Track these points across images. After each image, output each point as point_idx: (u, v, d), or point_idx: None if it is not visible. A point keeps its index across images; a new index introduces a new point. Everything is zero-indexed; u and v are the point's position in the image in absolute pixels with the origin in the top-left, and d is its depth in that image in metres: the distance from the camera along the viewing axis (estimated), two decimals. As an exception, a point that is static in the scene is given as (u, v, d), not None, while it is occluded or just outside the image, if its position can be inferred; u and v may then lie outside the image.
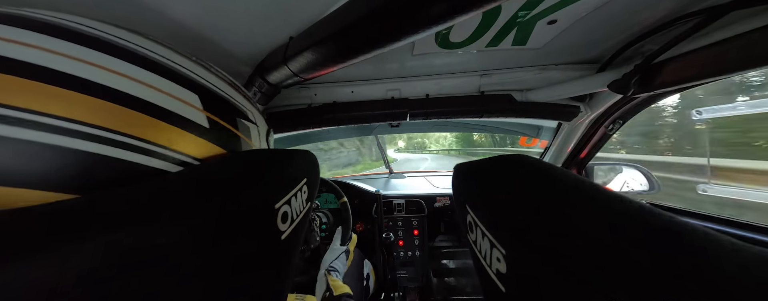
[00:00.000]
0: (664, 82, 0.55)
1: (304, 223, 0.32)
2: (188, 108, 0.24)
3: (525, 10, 0.49)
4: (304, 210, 0.32)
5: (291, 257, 0.29)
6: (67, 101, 0.18)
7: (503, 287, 0.21)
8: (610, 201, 0.18)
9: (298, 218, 0.29)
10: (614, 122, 0.92)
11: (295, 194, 0.28)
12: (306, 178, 0.32)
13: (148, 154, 0.21)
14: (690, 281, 0.12)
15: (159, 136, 0.21)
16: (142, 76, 0.22)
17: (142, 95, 0.21)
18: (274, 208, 0.24)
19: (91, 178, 0.18)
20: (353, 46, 0.44)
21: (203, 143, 0.25)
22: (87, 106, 0.18)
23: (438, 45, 0.63)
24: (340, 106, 0.90)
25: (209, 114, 0.26)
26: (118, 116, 0.19)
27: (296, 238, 0.29)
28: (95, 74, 0.19)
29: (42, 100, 0.17)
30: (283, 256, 0.26)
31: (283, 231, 0.26)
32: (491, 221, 0.23)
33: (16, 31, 0.18)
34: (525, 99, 0.86)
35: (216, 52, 0.58)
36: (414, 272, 1.45)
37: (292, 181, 0.29)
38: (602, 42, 0.63)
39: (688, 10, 0.49)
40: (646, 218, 0.16)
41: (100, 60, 0.20)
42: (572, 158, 1.09)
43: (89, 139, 0.18)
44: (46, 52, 0.18)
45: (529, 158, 0.28)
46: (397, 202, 1.48)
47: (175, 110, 0.23)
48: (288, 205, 0.27)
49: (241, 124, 0.31)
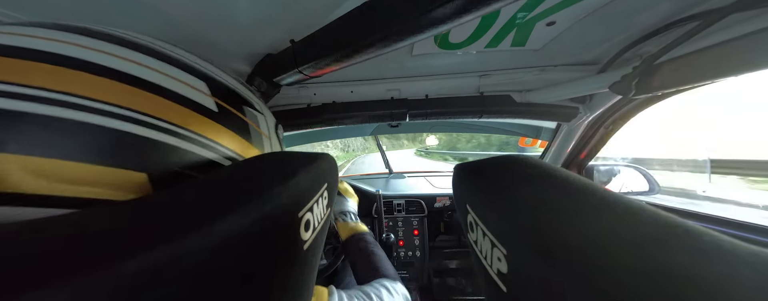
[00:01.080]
0: (664, 84, 0.55)
1: (325, 230, 0.31)
2: (198, 93, 0.27)
3: (524, 12, 0.49)
4: (325, 216, 0.31)
5: (313, 266, 0.28)
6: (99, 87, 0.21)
7: (504, 287, 0.21)
8: (611, 202, 0.18)
9: (319, 226, 0.28)
10: (614, 123, 0.91)
11: (317, 200, 0.28)
12: (327, 182, 0.31)
13: (167, 132, 0.23)
14: (691, 282, 0.12)
15: (174, 116, 0.24)
16: (156, 65, 0.25)
17: (157, 81, 0.24)
18: (297, 216, 0.24)
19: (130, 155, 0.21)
20: (356, 47, 0.44)
21: (216, 126, 0.27)
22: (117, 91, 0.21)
23: (437, 46, 0.63)
24: (339, 106, 0.90)
25: (217, 99, 0.28)
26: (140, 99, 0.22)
27: (317, 246, 0.29)
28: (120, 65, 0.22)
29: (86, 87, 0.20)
30: (305, 264, 0.26)
31: (306, 240, 0.25)
32: (492, 221, 0.22)
33: (67, 35, 0.22)
34: (524, 100, 0.86)
35: (215, 52, 0.58)
36: (414, 272, 1.46)
37: (315, 187, 0.28)
38: (601, 43, 0.63)
39: (688, 12, 0.49)
40: (647, 218, 0.16)
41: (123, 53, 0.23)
42: (572, 159, 1.09)
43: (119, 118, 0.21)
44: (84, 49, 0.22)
45: (530, 158, 0.28)
46: (397, 202, 1.48)
47: (186, 95, 0.25)
48: (310, 212, 0.26)
49: (248, 111, 0.33)
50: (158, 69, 0.24)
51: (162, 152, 0.23)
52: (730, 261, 0.12)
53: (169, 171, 0.23)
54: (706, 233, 0.14)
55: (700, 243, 0.13)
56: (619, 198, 0.18)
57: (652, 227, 0.15)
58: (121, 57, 0.23)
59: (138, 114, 0.21)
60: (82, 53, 0.21)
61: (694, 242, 0.14)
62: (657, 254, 0.13)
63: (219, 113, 0.28)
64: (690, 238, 0.14)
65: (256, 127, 0.33)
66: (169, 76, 0.25)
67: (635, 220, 0.16)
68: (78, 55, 0.21)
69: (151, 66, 0.24)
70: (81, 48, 0.21)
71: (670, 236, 0.14)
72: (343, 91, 0.87)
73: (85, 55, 0.21)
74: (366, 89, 0.87)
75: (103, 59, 0.22)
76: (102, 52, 0.22)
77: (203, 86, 0.27)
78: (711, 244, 0.13)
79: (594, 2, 0.47)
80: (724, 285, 0.11)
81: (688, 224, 0.15)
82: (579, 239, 0.15)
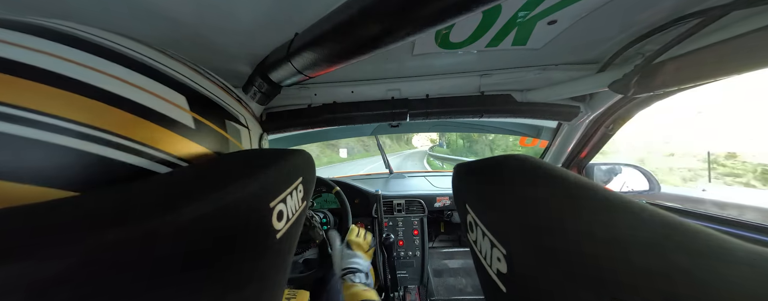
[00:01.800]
0: (665, 83, 0.55)
1: (300, 221, 0.32)
2: (174, 108, 0.25)
3: (525, 11, 0.49)
4: (300, 209, 0.32)
5: (287, 254, 0.29)
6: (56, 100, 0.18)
7: (504, 287, 0.21)
8: (611, 201, 0.18)
9: (294, 217, 0.29)
10: (614, 122, 0.92)
11: (290, 192, 0.29)
12: (301, 177, 0.32)
13: (131, 152, 0.21)
14: (693, 283, 0.12)
15: (141, 134, 0.22)
16: (128, 77, 0.22)
17: (127, 94, 0.22)
18: (269, 206, 0.24)
19: (80, 175, 0.19)
20: (355, 45, 0.44)
21: (188, 143, 0.25)
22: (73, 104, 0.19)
23: (438, 45, 0.63)
24: (340, 106, 0.90)
25: (195, 115, 0.27)
26: (100, 114, 0.20)
27: (292, 236, 0.30)
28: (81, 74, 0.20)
29: (37, 99, 0.18)
30: (278, 254, 0.26)
31: (279, 230, 0.26)
32: (492, 221, 0.22)
33: (16, 34, 0.19)
34: (525, 99, 0.86)
35: (216, 52, 0.58)
36: (414, 272, 1.45)
37: (287, 179, 0.29)
38: (602, 42, 0.63)
39: (688, 10, 0.49)
40: (647, 218, 0.16)
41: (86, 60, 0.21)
42: (572, 158, 1.09)
43: (71, 136, 0.18)
44: (36, 53, 0.19)
45: (530, 158, 0.28)
46: (397, 202, 1.48)
47: (160, 110, 0.23)
48: (283, 203, 0.27)
49: (229, 126, 0.32)
50: (130, 81, 0.22)
51: (124, 173, 0.21)
52: (731, 260, 0.12)
53: None
54: (706, 232, 0.14)
55: (701, 243, 0.13)
56: (620, 198, 0.18)
57: (653, 226, 0.15)
58: (87, 66, 0.20)
59: (98, 131, 0.19)
60: (41, 60, 0.18)
61: (694, 242, 0.14)
62: (657, 254, 0.13)
63: (196, 130, 0.26)
64: (690, 237, 0.14)
65: (236, 143, 0.32)
66: (141, 89, 0.23)
67: (636, 220, 0.16)
68: (35, 63, 0.18)
69: (121, 77, 0.22)
70: (40, 54, 0.19)
71: (671, 235, 0.14)
72: (344, 92, 0.87)
73: (44, 63, 0.19)
74: (366, 89, 0.87)
75: (64, 68, 0.19)
76: (65, 60, 0.20)
77: (182, 100, 0.26)
78: (711, 243, 0.13)
79: (595, 1, 0.47)
80: (724, 284, 0.11)
81: (689, 224, 0.15)
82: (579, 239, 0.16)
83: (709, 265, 0.12)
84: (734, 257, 0.12)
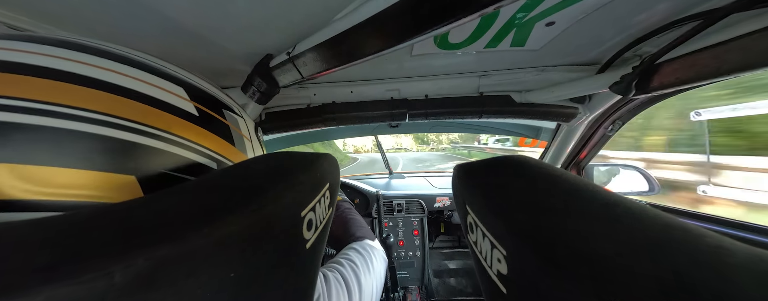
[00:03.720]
0: (664, 84, 0.55)
1: (327, 230, 0.32)
2: (177, 98, 0.28)
3: (523, 12, 0.49)
4: (328, 216, 0.31)
5: (316, 264, 0.28)
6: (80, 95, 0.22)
7: (504, 289, 0.21)
8: (611, 203, 0.18)
9: (322, 225, 0.29)
10: (613, 123, 0.91)
11: (319, 200, 0.28)
12: (328, 183, 0.31)
13: (151, 136, 0.24)
14: (693, 285, 0.12)
15: (156, 121, 0.25)
16: (134, 73, 0.26)
17: (137, 88, 0.25)
18: (300, 216, 0.24)
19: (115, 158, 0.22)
20: (356, 49, 0.45)
21: (197, 129, 0.28)
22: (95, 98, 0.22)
23: (437, 46, 0.63)
24: (339, 106, 0.90)
25: (197, 104, 0.29)
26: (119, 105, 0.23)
27: (320, 245, 0.29)
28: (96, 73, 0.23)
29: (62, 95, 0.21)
30: (308, 264, 0.26)
31: (308, 240, 0.25)
32: (492, 222, 0.22)
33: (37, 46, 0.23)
34: (524, 100, 0.86)
35: (215, 52, 0.58)
36: (414, 273, 1.46)
37: (317, 186, 0.28)
38: (601, 44, 0.63)
39: (687, 12, 0.49)
40: (647, 220, 0.16)
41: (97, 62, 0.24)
42: (571, 159, 1.09)
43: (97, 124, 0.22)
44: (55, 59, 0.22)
45: (530, 158, 0.28)
46: (397, 202, 1.48)
47: (166, 100, 0.26)
48: (313, 212, 0.26)
49: (228, 115, 0.34)
50: (137, 77, 0.25)
51: (147, 154, 0.24)
52: (731, 262, 0.12)
53: (156, 173, 0.24)
54: (706, 234, 0.14)
55: (701, 244, 0.13)
56: (620, 199, 0.18)
57: (653, 228, 0.15)
58: (101, 67, 0.24)
59: (121, 120, 0.22)
60: (64, 65, 0.22)
61: (694, 244, 0.14)
62: (658, 256, 0.13)
63: (200, 117, 0.29)
64: (691, 239, 0.14)
65: (237, 130, 0.35)
66: (148, 84, 0.26)
67: (636, 221, 0.16)
68: (60, 67, 0.22)
69: (129, 74, 0.25)
70: (62, 60, 0.22)
71: (671, 237, 0.14)
72: (343, 92, 0.87)
73: (67, 67, 0.22)
74: (366, 89, 0.87)
75: (83, 70, 0.23)
76: (82, 63, 0.23)
77: (182, 92, 0.29)
78: (712, 245, 0.13)
79: (593, 2, 0.47)
80: (725, 286, 0.11)
81: (689, 225, 0.15)
82: (579, 240, 0.15)
83: (709, 266, 0.12)
84: (734, 259, 0.12)
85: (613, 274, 0.13)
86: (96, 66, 0.24)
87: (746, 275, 0.12)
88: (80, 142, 0.21)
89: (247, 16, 0.47)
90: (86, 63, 0.23)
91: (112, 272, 0.12)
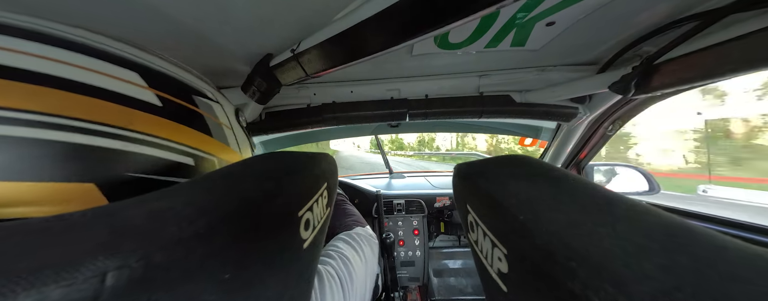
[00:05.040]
0: (664, 84, 0.55)
1: (325, 229, 0.31)
2: (132, 87, 0.23)
3: (523, 12, 0.49)
4: (325, 216, 0.31)
5: (312, 263, 0.28)
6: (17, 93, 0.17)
7: (505, 287, 0.21)
8: (612, 202, 0.18)
9: (319, 225, 0.28)
10: (613, 123, 0.92)
11: (316, 199, 0.28)
12: (326, 182, 0.31)
13: (106, 136, 0.20)
14: (694, 284, 0.12)
15: (107, 117, 0.20)
16: (78, 60, 0.21)
17: (84, 79, 0.20)
18: (297, 215, 0.24)
19: (67, 166, 0.18)
20: (360, 47, 0.45)
21: (163, 122, 0.24)
22: (40, 97, 0.18)
23: (437, 46, 0.63)
24: (339, 106, 0.90)
25: (157, 92, 0.25)
26: (68, 103, 0.19)
27: (317, 245, 0.29)
28: (36, 64, 0.19)
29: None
30: (304, 264, 0.26)
31: (305, 239, 0.25)
32: (492, 221, 0.22)
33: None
34: (524, 100, 0.86)
35: (214, 51, 0.58)
36: (414, 272, 1.46)
37: (314, 186, 0.28)
38: (601, 44, 0.63)
39: (687, 12, 0.49)
40: (648, 219, 0.16)
41: (34, 49, 0.19)
42: (571, 159, 1.09)
43: (31, 126, 0.17)
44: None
45: (531, 158, 0.28)
46: (397, 202, 1.48)
47: (115, 89, 0.22)
48: (310, 211, 0.26)
49: (199, 101, 0.30)
50: (81, 64, 0.21)
51: (104, 158, 0.20)
52: (734, 262, 0.12)
53: (118, 177, 0.21)
54: (707, 233, 0.14)
55: (703, 244, 0.13)
56: (621, 199, 0.18)
57: (655, 227, 0.15)
58: (35, 54, 0.19)
59: (69, 120, 0.18)
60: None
61: (695, 243, 0.14)
62: (659, 255, 0.13)
63: (163, 107, 0.25)
64: (692, 239, 0.14)
65: (212, 118, 0.30)
66: (95, 72, 0.21)
67: (637, 220, 0.16)
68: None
69: (72, 62, 0.20)
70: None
71: (672, 236, 0.14)
72: (343, 91, 0.87)
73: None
74: (366, 89, 0.87)
75: (13, 60, 0.18)
76: (8, 50, 0.18)
77: (137, 78, 0.24)
78: (714, 245, 0.13)
79: (593, 2, 0.47)
80: (727, 286, 0.11)
81: (690, 225, 0.15)
82: (580, 239, 0.15)
83: (711, 266, 0.12)
84: (735, 258, 0.12)
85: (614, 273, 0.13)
86: (25, 53, 0.19)
87: (747, 273, 0.12)
88: (20, 150, 0.17)
89: (247, 16, 0.47)
90: (11, 49, 0.18)
91: (104, 274, 0.12)
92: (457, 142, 38.41)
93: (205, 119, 0.29)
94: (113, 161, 0.20)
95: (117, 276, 0.12)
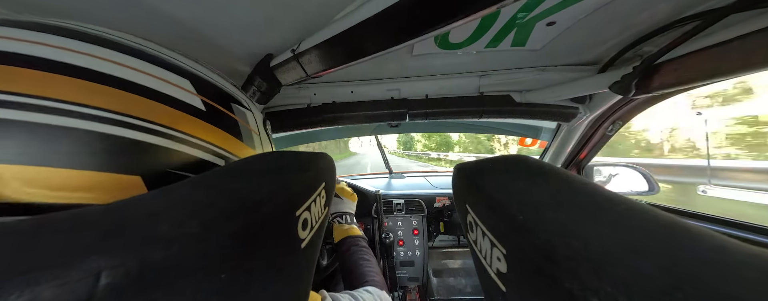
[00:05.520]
0: (664, 84, 0.55)
1: (323, 229, 0.31)
2: (183, 92, 0.26)
3: (524, 12, 0.49)
4: (323, 215, 0.31)
5: (310, 264, 0.28)
6: (72, 88, 0.20)
7: (504, 287, 0.21)
8: (612, 202, 0.18)
9: (317, 225, 0.28)
10: (613, 123, 0.92)
11: (314, 199, 0.28)
12: (324, 182, 0.31)
13: (154, 133, 0.23)
14: (693, 284, 0.12)
15: (160, 117, 0.23)
16: (138, 65, 0.24)
17: (143, 82, 0.23)
18: (295, 215, 0.24)
19: (114, 157, 0.21)
20: (360, 47, 0.45)
21: (205, 125, 0.27)
22: (103, 95, 0.21)
23: (437, 46, 0.63)
24: (339, 106, 0.90)
25: (204, 98, 0.28)
26: (117, 99, 0.21)
27: (315, 245, 0.29)
28: (103, 66, 0.22)
29: (53, 89, 0.19)
30: (302, 264, 0.26)
31: (303, 239, 0.25)
32: (492, 221, 0.22)
33: (39, 35, 0.21)
34: (524, 100, 0.86)
35: (215, 51, 0.58)
36: (414, 272, 1.46)
37: (312, 186, 0.28)
38: (601, 44, 0.63)
39: (688, 12, 0.49)
40: (648, 219, 0.16)
41: (103, 53, 0.22)
42: (571, 159, 1.09)
43: (94, 121, 0.20)
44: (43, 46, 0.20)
45: (531, 158, 0.28)
46: (397, 202, 1.48)
47: (169, 93, 0.25)
48: (308, 211, 0.26)
49: (236, 109, 0.33)
50: (141, 69, 0.24)
51: (153, 154, 0.22)
52: (733, 263, 0.12)
53: (162, 172, 0.23)
54: (708, 234, 0.14)
55: (702, 244, 0.13)
56: (620, 198, 0.18)
57: (654, 227, 0.15)
58: (103, 58, 0.22)
59: (126, 117, 0.21)
60: (62, 55, 0.20)
61: (696, 243, 0.13)
62: (659, 256, 0.13)
63: (207, 112, 0.27)
64: (692, 239, 0.14)
65: (245, 125, 0.33)
66: (153, 77, 0.24)
67: (637, 220, 0.16)
68: (58, 58, 0.20)
69: (134, 66, 0.23)
70: (60, 50, 0.20)
71: (672, 236, 0.14)
72: (343, 91, 0.87)
73: (66, 58, 0.20)
74: (366, 89, 0.87)
75: (84, 61, 0.21)
76: (82, 53, 0.21)
77: (188, 85, 0.27)
78: (713, 245, 0.13)
79: (594, 2, 0.47)
80: (727, 287, 0.11)
81: (690, 225, 0.15)
82: (580, 239, 0.15)
83: (711, 266, 0.12)
84: (737, 260, 0.12)
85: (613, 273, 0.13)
86: (95, 56, 0.22)
87: (747, 274, 0.12)
88: (80, 141, 0.19)
89: (247, 16, 0.47)
90: (84, 53, 0.21)
91: (98, 273, 0.12)
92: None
93: (239, 125, 0.32)
94: (159, 156, 0.23)
95: (111, 275, 0.12)
